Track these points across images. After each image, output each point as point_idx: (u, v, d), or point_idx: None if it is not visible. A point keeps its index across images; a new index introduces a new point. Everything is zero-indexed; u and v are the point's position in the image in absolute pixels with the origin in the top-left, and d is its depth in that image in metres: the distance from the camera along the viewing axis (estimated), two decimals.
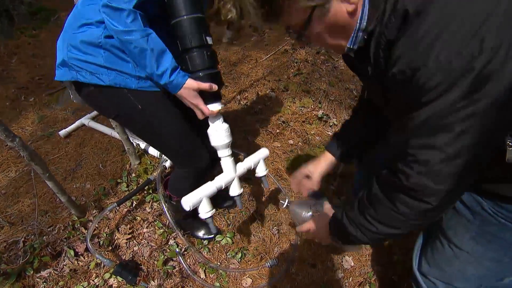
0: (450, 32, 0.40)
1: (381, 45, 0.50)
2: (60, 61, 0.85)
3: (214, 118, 0.92)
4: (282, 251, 1.41)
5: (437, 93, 0.43)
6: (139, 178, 1.62)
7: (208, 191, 0.94)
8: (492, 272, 0.67)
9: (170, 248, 1.36)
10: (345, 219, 0.68)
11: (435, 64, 0.41)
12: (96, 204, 1.50)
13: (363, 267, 1.38)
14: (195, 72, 0.83)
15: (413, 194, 0.52)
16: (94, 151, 1.86)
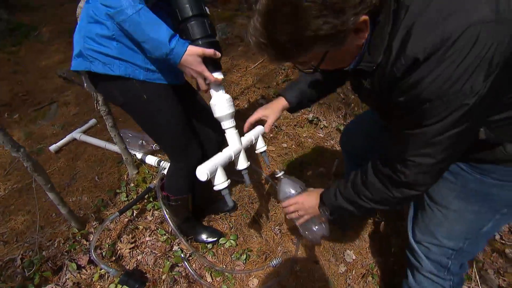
0: (454, 77, 0.52)
1: (388, 78, 0.60)
2: (76, 52, 0.91)
3: (217, 88, 0.93)
4: (285, 250, 1.46)
5: (436, 120, 0.57)
6: (138, 187, 1.64)
7: (221, 160, 0.94)
8: (474, 224, 0.80)
9: (175, 254, 1.38)
10: (339, 196, 0.84)
11: (439, 100, 0.54)
12: (96, 215, 1.50)
13: (364, 260, 1.45)
14: (196, 40, 0.86)
15: (408, 186, 0.69)
16: (89, 164, 1.86)
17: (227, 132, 0.98)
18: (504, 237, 1.48)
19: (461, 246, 0.83)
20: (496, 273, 1.36)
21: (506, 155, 0.67)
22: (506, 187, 0.72)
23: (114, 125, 1.44)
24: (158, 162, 1.69)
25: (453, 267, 0.87)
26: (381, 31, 0.58)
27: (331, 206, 0.88)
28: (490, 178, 0.72)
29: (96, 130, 2.19)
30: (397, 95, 0.60)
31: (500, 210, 0.75)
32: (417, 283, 0.96)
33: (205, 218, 1.57)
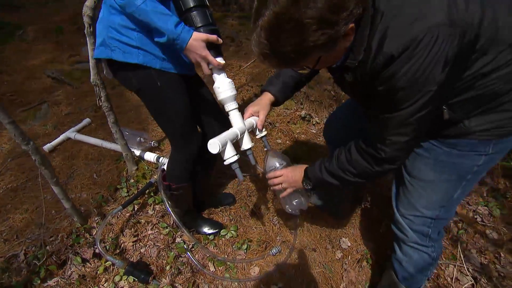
0: (421, 69, 0.65)
1: (368, 72, 0.73)
2: (99, 41, 1.00)
3: (219, 72, 1.02)
4: (284, 240, 1.56)
5: (409, 104, 0.71)
6: (138, 183, 1.69)
7: (230, 135, 1.01)
8: (447, 192, 0.94)
9: (178, 245, 1.44)
10: (324, 171, 0.98)
11: (410, 88, 0.68)
12: (98, 211, 1.55)
13: (359, 246, 1.57)
14: (199, 28, 0.95)
15: (388, 162, 0.84)
16: (86, 163, 1.90)
17: (231, 114, 1.06)
18: (485, 219, 1.64)
19: (438, 214, 0.97)
20: (478, 252, 1.51)
21: (466, 129, 0.83)
22: (467, 157, 0.87)
23: (116, 121, 1.50)
24: (157, 159, 1.75)
25: (433, 234, 1.02)
26: (362, 34, 0.70)
27: (315, 180, 1.01)
28: (455, 150, 0.87)
29: (91, 130, 2.22)
30: (377, 85, 0.73)
31: (465, 176, 0.90)
32: (404, 254, 1.09)
33: (206, 211, 1.65)
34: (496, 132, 0.81)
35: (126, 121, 2.21)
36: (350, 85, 0.87)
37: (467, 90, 0.76)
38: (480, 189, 1.80)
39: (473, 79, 0.74)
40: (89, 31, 1.25)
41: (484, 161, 0.87)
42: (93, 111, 2.40)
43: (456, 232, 1.59)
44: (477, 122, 0.81)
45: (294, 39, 0.64)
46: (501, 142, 0.84)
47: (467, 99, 0.77)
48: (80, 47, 3.40)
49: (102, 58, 1.02)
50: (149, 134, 2.06)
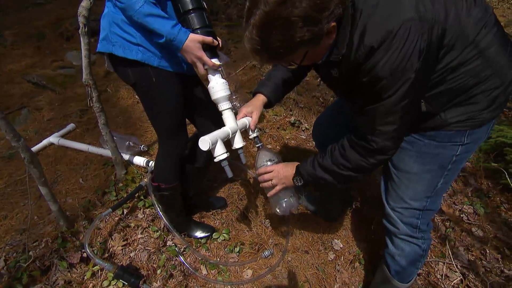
0: (399, 58, 0.75)
1: (352, 65, 0.82)
2: (102, 36, 1.06)
3: (214, 72, 1.08)
4: (276, 242, 1.60)
5: (392, 92, 0.79)
6: (127, 187, 1.71)
7: (221, 134, 1.07)
8: (430, 182, 1.03)
9: (169, 249, 1.46)
10: (317, 166, 1.03)
11: (391, 77, 0.78)
12: (85, 214, 1.55)
13: (351, 247, 1.63)
14: (196, 30, 1.02)
15: (380, 152, 0.91)
16: (71, 168, 1.89)
17: (224, 113, 1.13)
18: (470, 218, 1.75)
19: (425, 205, 1.06)
20: (465, 249, 1.61)
21: (442, 121, 0.93)
22: (445, 147, 0.97)
23: (106, 122, 1.53)
24: (147, 163, 1.78)
25: (422, 225, 1.11)
26: (344, 31, 0.81)
27: (307, 176, 1.06)
28: (434, 141, 0.98)
29: (75, 135, 2.22)
30: (360, 77, 0.83)
31: (446, 166, 1.00)
32: (396, 247, 1.17)
33: (197, 214, 1.68)
34: (469, 123, 0.92)
35: (114, 126, 2.23)
36: (336, 80, 0.96)
37: (440, 84, 0.87)
38: (465, 190, 1.93)
39: (444, 73, 0.85)
40: (84, 31, 1.30)
41: (461, 150, 0.97)
42: (78, 117, 2.40)
43: (444, 231, 1.69)
44: (451, 114, 0.92)
45: (282, 35, 0.74)
46: (474, 133, 0.94)
47: (441, 92, 0.88)
48: (63, 53, 3.41)
49: (105, 52, 1.08)
50: (138, 139, 2.08)
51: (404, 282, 1.22)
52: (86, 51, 1.35)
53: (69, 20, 3.90)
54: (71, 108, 2.51)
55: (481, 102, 0.89)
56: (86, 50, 1.35)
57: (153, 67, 1.08)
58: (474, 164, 2.08)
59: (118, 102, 2.56)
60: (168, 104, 1.17)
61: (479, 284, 1.45)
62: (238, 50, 3.53)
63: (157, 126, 1.27)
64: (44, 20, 4.12)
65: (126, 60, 1.05)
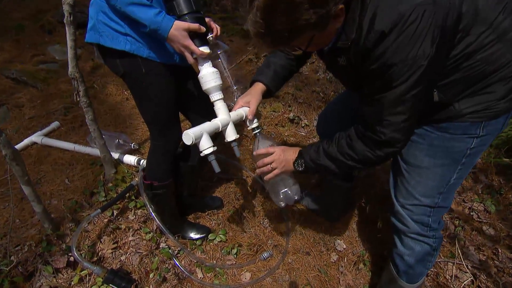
0: (411, 44, 0.76)
1: (361, 51, 0.83)
2: (90, 25, 1.08)
3: (203, 61, 1.08)
4: (276, 243, 1.62)
5: (402, 80, 0.80)
6: (117, 187, 1.72)
7: (208, 127, 1.07)
8: (443, 177, 1.04)
9: (162, 251, 1.48)
10: (321, 153, 1.04)
11: (402, 64, 0.78)
12: (72, 216, 1.56)
13: (355, 248, 1.66)
14: (182, 16, 1.01)
15: (388, 144, 0.92)
16: (55, 168, 1.90)
17: (215, 104, 1.13)
18: (481, 216, 1.78)
19: (437, 201, 1.07)
20: (476, 249, 1.64)
21: (456, 112, 0.93)
22: (459, 140, 0.98)
23: (95, 118, 1.54)
24: (138, 161, 1.80)
25: (433, 223, 1.12)
26: (353, 15, 0.81)
27: (309, 161, 1.07)
28: (447, 133, 0.98)
29: (60, 133, 2.23)
30: (369, 64, 0.83)
31: (459, 160, 1.00)
32: (406, 247, 1.18)
33: (191, 215, 1.69)
34: (485, 113, 0.92)
35: (102, 124, 2.24)
36: (343, 69, 0.97)
37: (454, 72, 0.88)
38: (475, 187, 1.96)
39: (459, 60, 0.86)
40: (69, 20, 1.32)
41: (476, 143, 0.98)
42: (62, 114, 2.41)
43: (453, 230, 1.72)
44: (466, 104, 0.92)
45: (287, 17, 0.75)
46: (490, 124, 0.94)
47: (455, 81, 0.89)
48: (45, 46, 3.40)
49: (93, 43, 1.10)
50: (129, 137, 2.10)
51: (412, 282, 1.24)
52: (72, 42, 1.37)
53: (50, 12, 3.89)
54: (54, 105, 2.52)
55: (498, 91, 0.88)
56: (72, 41, 1.36)
57: (143, 58, 1.09)
58: (484, 160, 2.12)
59: (106, 98, 2.57)
60: (159, 96, 1.19)
61: (491, 285, 1.47)
62: (233, 44, 3.55)
63: (148, 119, 1.28)
64: (24, 12, 4.11)
65: (115, 50, 1.07)
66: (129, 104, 2.51)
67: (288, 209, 1.78)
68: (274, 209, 1.78)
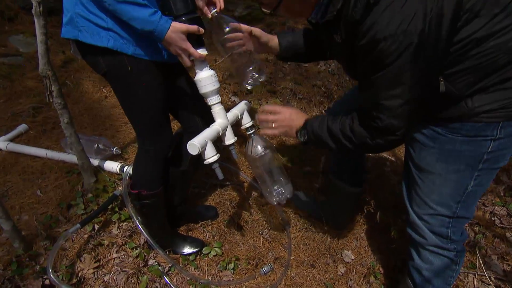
0: (399, 17, 0.76)
1: (350, 23, 0.85)
2: (66, 19, 1.05)
3: (201, 64, 1.11)
4: (277, 256, 1.62)
5: (394, 57, 0.79)
6: (98, 198, 1.70)
7: (211, 134, 1.13)
8: (458, 185, 1.03)
9: (151, 268, 1.46)
10: (324, 127, 1.09)
11: (391, 39, 0.78)
12: (46, 233, 1.53)
13: (364, 259, 1.66)
14: (179, 17, 1.02)
15: (387, 131, 0.93)
16: (25, 178, 1.86)
17: (213, 108, 1.17)
18: (504, 221, 1.80)
19: (455, 211, 1.07)
20: (499, 258, 1.65)
21: (469, 110, 0.91)
22: (473, 143, 0.96)
23: (71, 121, 1.51)
24: (121, 168, 1.77)
25: (454, 235, 1.11)
26: None
27: (311, 133, 1.11)
28: (459, 135, 0.97)
29: (29, 138, 2.18)
30: (359, 40, 0.84)
31: (476, 166, 0.99)
32: (424, 261, 1.18)
33: (183, 227, 1.68)
34: (502, 112, 0.90)
35: (79, 126, 2.20)
36: (339, 47, 0.98)
37: (463, 59, 0.86)
38: (497, 188, 1.98)
39: (467, 45, 0.84)
40: (38, 11, 1.28)
41: (494, 147, 0.95)
42: (31, 116, 2.36)
43: (473, 237, 1.74)
44: (481, 101, 0.90)
45: None
46: (510, 125, 0.91)
47: (464, 70, 0.87)
48: (5, 36, 3.30)
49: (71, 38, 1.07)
50: (109, 140, 2.07)
51: None
52: (43, 36, 1.33)
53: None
54: (21, 106, 2.45)
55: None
56: (43, 34, 1.33)
57: (128, 56, 1.08)
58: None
59: (82, 97, 2.52)
60: (147, 96, 1.17)
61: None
62: None
63: (136, 124, 1.27)
64: None
65: (96, 47, 1.04)
66: (108, 103, 2.47)
67: (289, 217, 1.79)
68: (274, 218, 1.78)
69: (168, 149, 1.34)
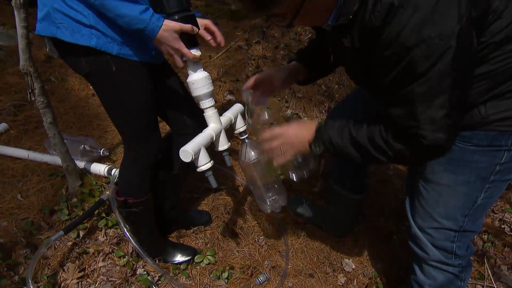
0: (431, 19, 0.70)
1: (367, 29, 0.77)
2: (43, 14, 1.01)
3: (194, 65, 1.10)
4: (273, 264, 1.61)
5: (430, 64, 0.72)
6: (83, 202, 1.68)
7: (204, 140, 1.11)
8: (467, 197, 1.01)
9: (139, 278, 1.44)
10: (346, 136, 0.96)
11: (424, 44, 0.71)
12: (27, 240, 1.51)
13: (365, 268, 1.65)
14: (172, 15, 1.01)
15: (431, 150, 0.84)
16: (5, 181, 1.83)
17: (206, 112, 1.15)
18: None
19: (461, 225, 1.04)
20: (509, 268, 1.64)
21: (482, 118, 0.89)
22: (485, 153, 0.93)
23: (54, 121, 1.49)
24: (108, 171, 1.76)
25: (459, 250, 1.09)
26: None
27: (329, 144, 0.98)
28: (470, 145, 0.94)
29: (9, 138, 2.15)
30: (381, 50, 0.77)
31: (487, 177, 0.97)
32: (427, 276, 1.16)
33: (174, 233, 1.67)
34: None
35: (64, 126, 2.18)
36: (348, 52, 0.91)
37: (479, 64, 0.84)
38: (507, 194, 1.97)
39: (485, 49, 0.81)
40: (19, 3, 1.26)
41: (507, 157, 0.93)
42: (12, 114, 2.33)
43: (481, 246, 1.73)
44: (494, 109, 0.87)
45: None
46: None
47: (480, 76, 0.85)
48: None
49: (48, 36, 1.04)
50: (96, 141, 2.05)
51: None
52: (24, 30, 1.31)
53: None
54: (1, 103, 2.42)
55: None
56: (23, 28, 1.31)
57: (113, 56, 1.05)
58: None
59: (67, 94, 2.50)
60: (134, 100, 1.15)
61: None
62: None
63: (122, 128, 1.25)
64: None
65: (77, 46, 1.01)
66: (95, 101, 2.45)
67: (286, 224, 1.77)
68: (270, 224, 1.77)
69: (156, 153, 1.32)
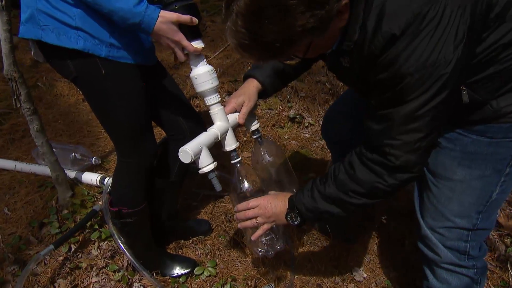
0: (429, 49, 0.75)
1: (366, 56, 0.82)
2: (26, 16, 1.01)
3: (197, 59, 1.08)
4: (278, 275, 1.60)
5: (419, 93, 0.79)
6: (75, 214, 1.69)
7: (206, 140, 1.09)
8: (482, 192, 1.02)
9: None
10: (318, 197, 1.02)
11: (418, 74, 0.77)
12: (15, 256, 1.51)
13: (378, 277, 1.64)
14: (170, 4, 1.00)
15: (401, 170, 0.90)
16: None
17: (212, 108, 1.13)
18: None
19: (475, 222, 1.04)
20: None
21: (494, 111, 0.92)
22: (501, 144, 0.96)
23: (42, 129, 1.50)
24: (101, 180, 1.77)
25: (472, 250, 1.09)
26: (356, 9, 0.80)
27: (305, 211, 1.05)
28: (485, 137, 0.96)
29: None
30: (377, 73, 0.82)
31: (503, 170, 0.99)
32: (440, 280, 1.15)
33: (172, 244, 1.66)
34: None
35: (53, 133, 2.20)
36: (347, 72, 0.96)
37: (489, 65, 0.87)
38: None
39: (493, 52, 0.85)
40: (1, 5, 1.27)
41: None
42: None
43: (504, 251, 1.70)
44: (507, 101, 0.91)
45: (278, 25, 0.72)
46: None
47: (490, 76, 0.88)
48: None
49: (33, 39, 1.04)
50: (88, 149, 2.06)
51: None
52: (7, 33, 1.32)
53: None
54: None
55: None
56: (7, 31, 1.32)
57: (101, 58, 1.05)
58: None
59: (56, 100, 2.52)
60: (125, 104, 1.15)
61: None
62: (216, 25, 3.53)
63: (114, 134, 1.25)
64: None
65: (63, 49, 1.01)
66: (86, 107, 2.46)
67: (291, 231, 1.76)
68: None
69: (151, 160, 1.32)
